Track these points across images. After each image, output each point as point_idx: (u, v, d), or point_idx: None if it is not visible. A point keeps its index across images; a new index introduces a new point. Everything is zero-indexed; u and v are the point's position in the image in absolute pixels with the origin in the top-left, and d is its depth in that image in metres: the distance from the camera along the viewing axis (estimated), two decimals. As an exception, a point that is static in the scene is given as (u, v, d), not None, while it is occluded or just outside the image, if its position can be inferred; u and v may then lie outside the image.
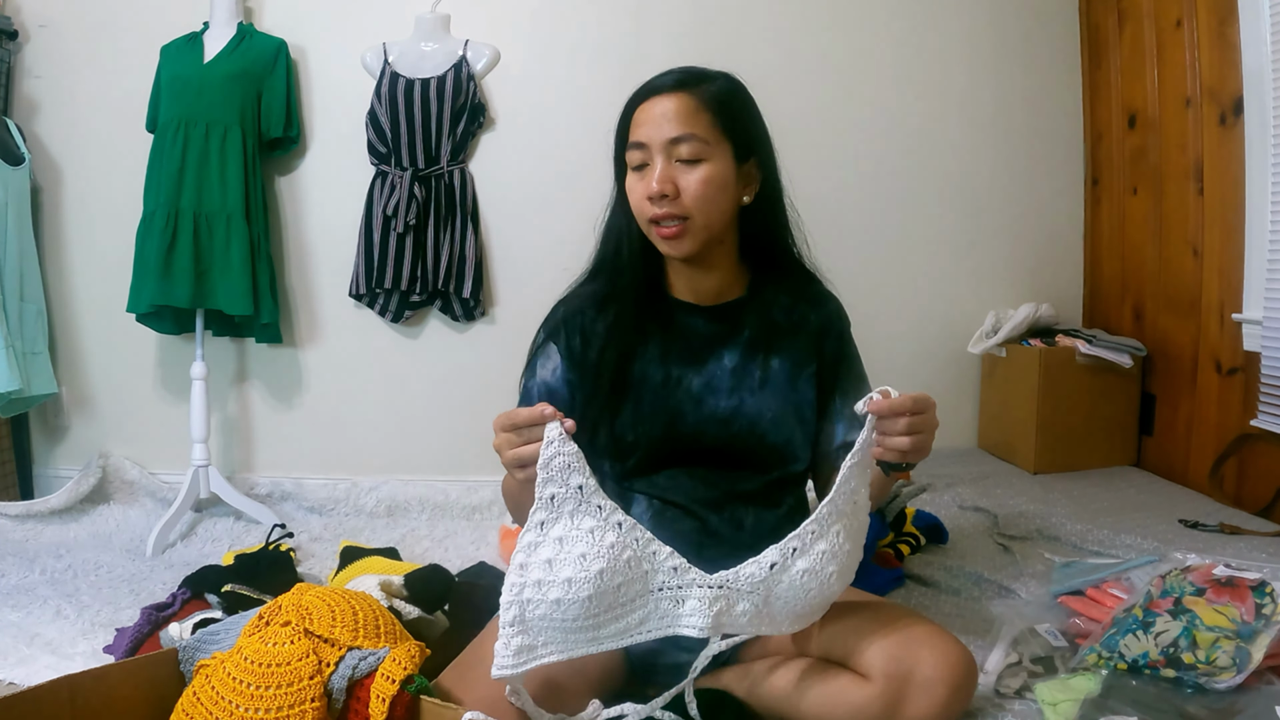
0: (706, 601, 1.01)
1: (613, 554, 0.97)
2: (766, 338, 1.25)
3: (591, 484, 0.99)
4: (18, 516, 2.33)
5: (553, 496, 0.98)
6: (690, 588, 1.01)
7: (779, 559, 1.02)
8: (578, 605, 0.96)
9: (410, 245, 2.51)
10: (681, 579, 1.01)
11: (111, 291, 2.48)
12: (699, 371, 1.25)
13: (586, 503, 0.98)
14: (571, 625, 0.98)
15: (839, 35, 2.72)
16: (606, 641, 1.01)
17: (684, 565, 1.02)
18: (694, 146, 1.16)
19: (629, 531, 0.99)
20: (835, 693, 1.13)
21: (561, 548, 0.97)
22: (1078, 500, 2.22)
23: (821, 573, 1.02)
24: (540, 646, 1.00)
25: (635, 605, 1.00)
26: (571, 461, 0.98)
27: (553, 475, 0.98)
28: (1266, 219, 2.06)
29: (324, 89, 2.62)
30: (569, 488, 0.98)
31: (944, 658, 1.10)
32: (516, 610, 0.98)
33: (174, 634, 1.45)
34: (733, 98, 1.22)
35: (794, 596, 1.03)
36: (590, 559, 0.96)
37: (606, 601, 0.98)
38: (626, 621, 1.01)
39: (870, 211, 2.75)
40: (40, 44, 2.58)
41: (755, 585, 1.02)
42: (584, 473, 0.98)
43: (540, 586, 0.97)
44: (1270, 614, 1.21)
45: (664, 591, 1.01)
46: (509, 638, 0.99)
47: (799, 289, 1.29)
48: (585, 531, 0.97)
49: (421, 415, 2.68)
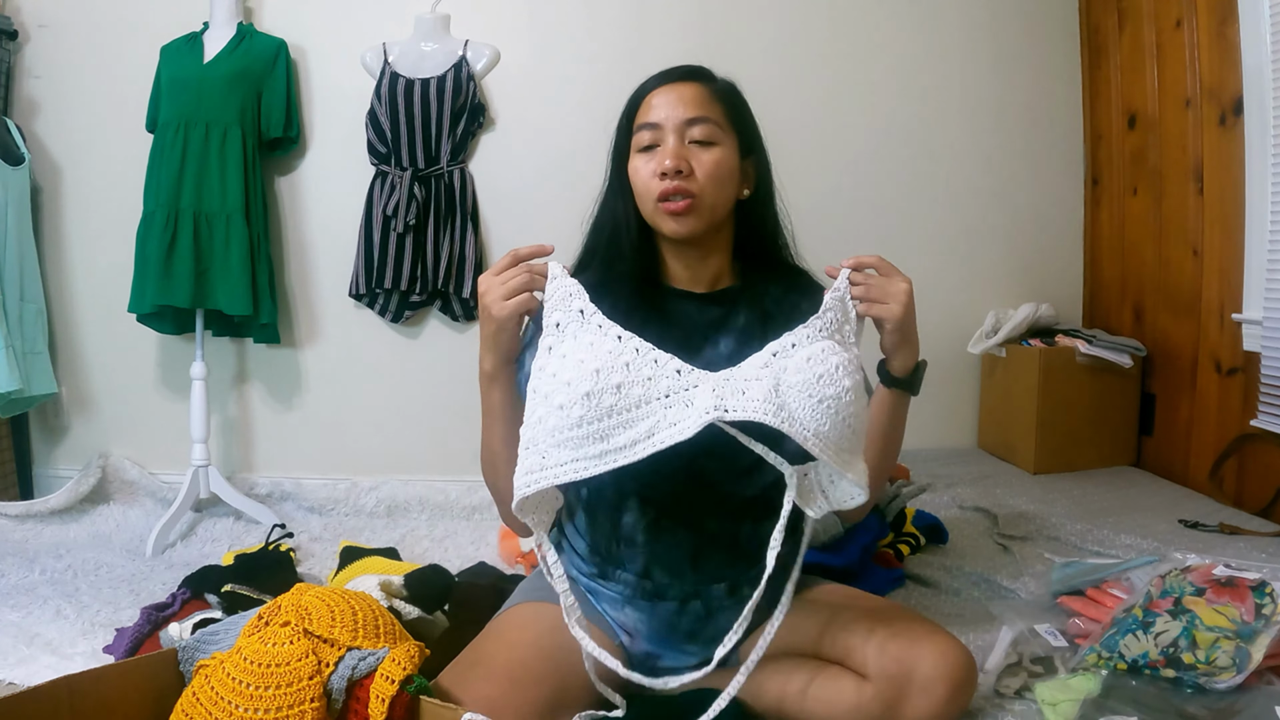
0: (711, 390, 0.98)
1: (609, 356, 0.98)
2: (761, 324, 1.25)
3: (591, 308, 1.03)
4: (18, 516, 2.33)
5: (558, 323, 1.04)
6: (695, 388, 0.99)
7: (779, 349, 1.02)
8: (578, 404, 0.96)
9: (410, 245, 2.51)
10: (687, 380, 0.99)
11: (111, 291, 2.49)
12: (694, 359, 1.24)
13: (588, 323, 1.03)
14: (578, 434, 0.97)
15: (839, 35, 2.72)
16: (619, 455, 0.97)
17: (687, 367, 1.00)
18: (708, 129, 1.19)
19: (627, 341, 1.01)
20: (835, 692, 1.14)
21: (565, 360, 1.00)
22: (1078, 500, 2.22)
23: (826, 363, 1.00)
24: (553, 465, 0.99)
25: (641, 413, 0.97)
26: (572, 290, 1.04)
27: (557, 304, 1.04)
28: (1266, 219, 2.06)
29: (324, 89, 2.62)
30: (571, 311, 1.04)
31: (944, 657, 1.10)
32: (530, 434, 1.01)
33: (174, 634, 1.45)
34: (739, 96, 1.27)
35: (804, 383, 0.98)
36: (588, 361, 0.98)
37: (607, 402, 0.96)
38: (635, 431, 0.97)
39: (870, 211, 2.75)
40: (40, 44, 2.59)
41: (759, 370, 1.00)
42: (583, 298, 1.04)
43: (547, 398, 0.99)
44: (1270, 614, 1.21)
45: (671, 397, 0.98)
46: (525, 458, 1.00)
47: (790, 280, 1.30)
48: (585, 344, 1.01)
49: (421, 415, 2.68)
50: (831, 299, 1.09)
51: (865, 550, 1.73)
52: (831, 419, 0.99)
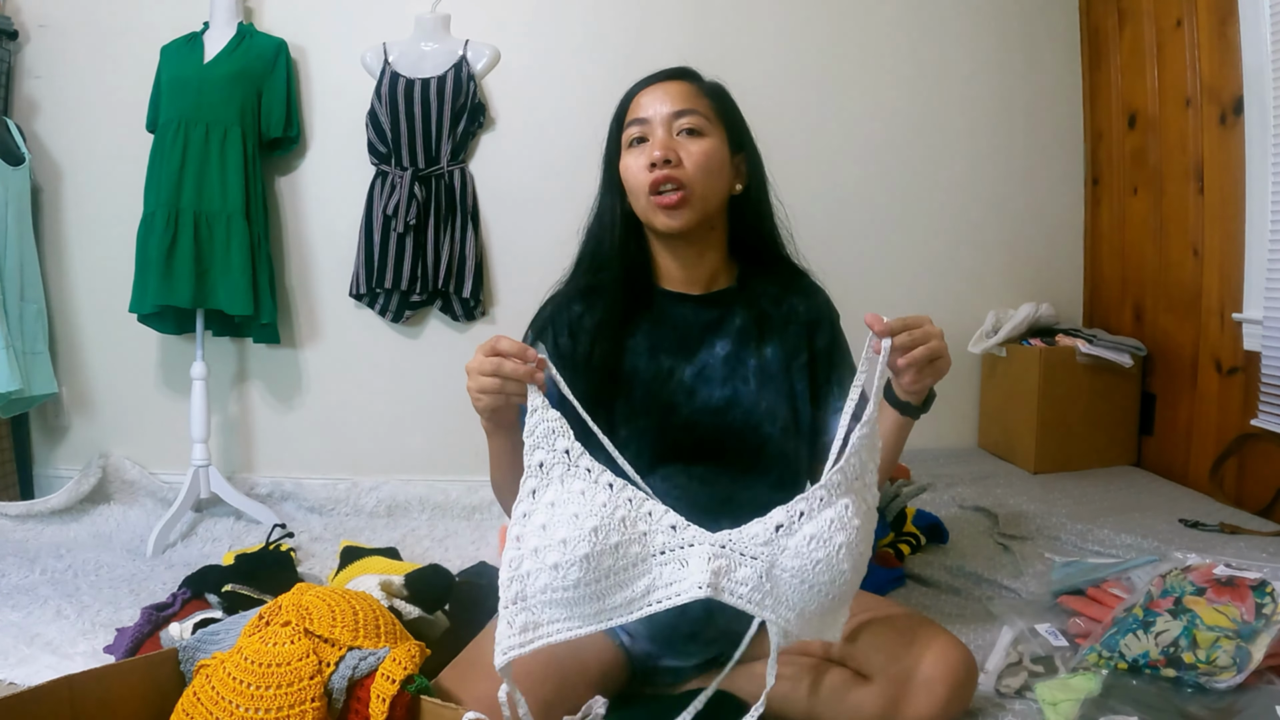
0: (707, 559, 0.95)
1: (605, 511, 0.94)
2: (758, 327, 1.25)
3: (577, 447, 0.97)
4: (18, 516, 2.33)
5: (541, 463, 0.97)
6: (691, 546, 0.96)
7: (785, 520, 0.96)
8: (576, 567, 0.92)
9: (410, 245, 2.51)
10: (682, 538, 0.96)
11: (111, 291, 2.49)
12: (690, 361, 1.24)
13: (575, 466, 0.97)
14: (574, 595, 0.94)
15: (839, 35, 2.72)
16: (614, 614, 0.95)
17: (682, 523, 0.97)
18: (696, 120, 1.21)
19: (620, 491, 0.96)
20: (836, 692, 1.14)
21: (554, 511, 0.95)
22: (1078, 500, 2.22)
23: (829, 543, 0.95)
24: (546, 624, 0.96)
25: (638, 572, 0.95)
26: (555, 426, 0.97)
27: (539, 442, 0.98)
28: (1266, 219, 2.06)
29: (324, 89, 2.62)
30: (556, 452, 0.97)
31: (944, 657, 1.10)
32: (518, 587, 0.96)
33: (174, 634, 1.45)
34: (726, 94, 1.29)
35: (799, 568, 0.95)
36: (583, 517, 0.93)
37: (605, 563, 0.93)
38: (631, 591, 0.95)
39: (870, 211, 2.75)
40: (40, 44, 2.58)
41: (758, 547, 0.96)
42: (568, 436, 0.97)
43: (537, 554, 0.94)
44: (1270, 614, 1.21)
45: (666, 554, 0.96)
46: (512, 616, 0.95)
47: (787, 281, 1.30)
48: (576, 493, 0.95)
49: (422, 415, 2.68)
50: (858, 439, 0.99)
51: (865, 550, 1.72)
52: (820, 601, 0.97)
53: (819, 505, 0.97)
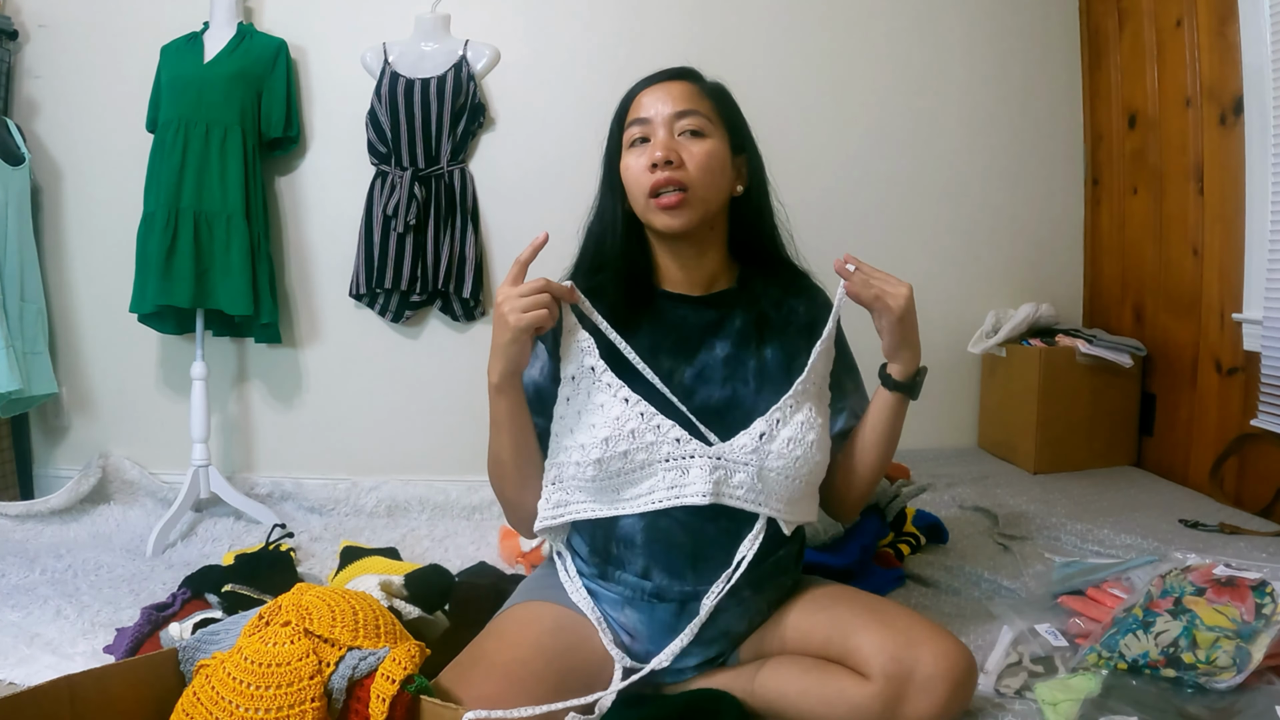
0: (707, 470, 1.12)
1: (617, 424, 1.11)
2: (758, 328, 1.25)
3: (601, 365, 1.15)
4: (18, 516, 2.33)
5: (573, 375, 1.17)
6: (691, 458, 1.12)
7: (765, 428, 1.14)
8: (590, 466, 1.12)
9: (410, 245, 2.51)
10: (684, 449, 1.13)
11: (111, 291, 2.49)
12: (690, 362, 1.24)
13: (599, 380, 1.15)
14: (594, 485, 1.14)
15: (838, 35, 2.72)
16: (627, 505, 1.14)
17: (685, 437, 1.13)
18: (698, 120, 1.21)
19: (633, 406, 1.13)
20: (835, 692, 1.13)
21: (580, 418, 1.14)
22: (1078, 500, 2.22)
23: (803, 440, 1.14)
24: (574, 503, 1.17)
25: (645, 473, 1.13)
26: (584, 345, 1.16)
27: (570, 357, 1.17)
28: (1266, 219, 2.06)
29: (324, 89, 2.62)
30: (583, 368, 1.16)
31: (944, 657, 1.10)
32: (555, 471, 1.17)
33: (174, 634, 1.45)
34: (728, 95, 1.29)
35: (784, 466, 1.13)
36: (598, 427, 1.12)
37: (615, 465, 1.12)
38: (640, 489, 1.14)
39: (870, 211, 2.75)
40: (40, 44, 2.58)
41: (748, 455, 1.13)
42: (594, 354, 1.15)
43: (567, 450, 1.14)
44: (1270, 614, 1.21)
45: (669, 462, 1.12)
46: (549, 494, 1.18)
47: (788, 282, 1.30)
48: (597, 405, 1.13)
49: (421, 415, 2.68)
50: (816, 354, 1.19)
51: (865, 550, 1.73)
52: (802, 488, 1.17)
53: (790, 411, 1.15)
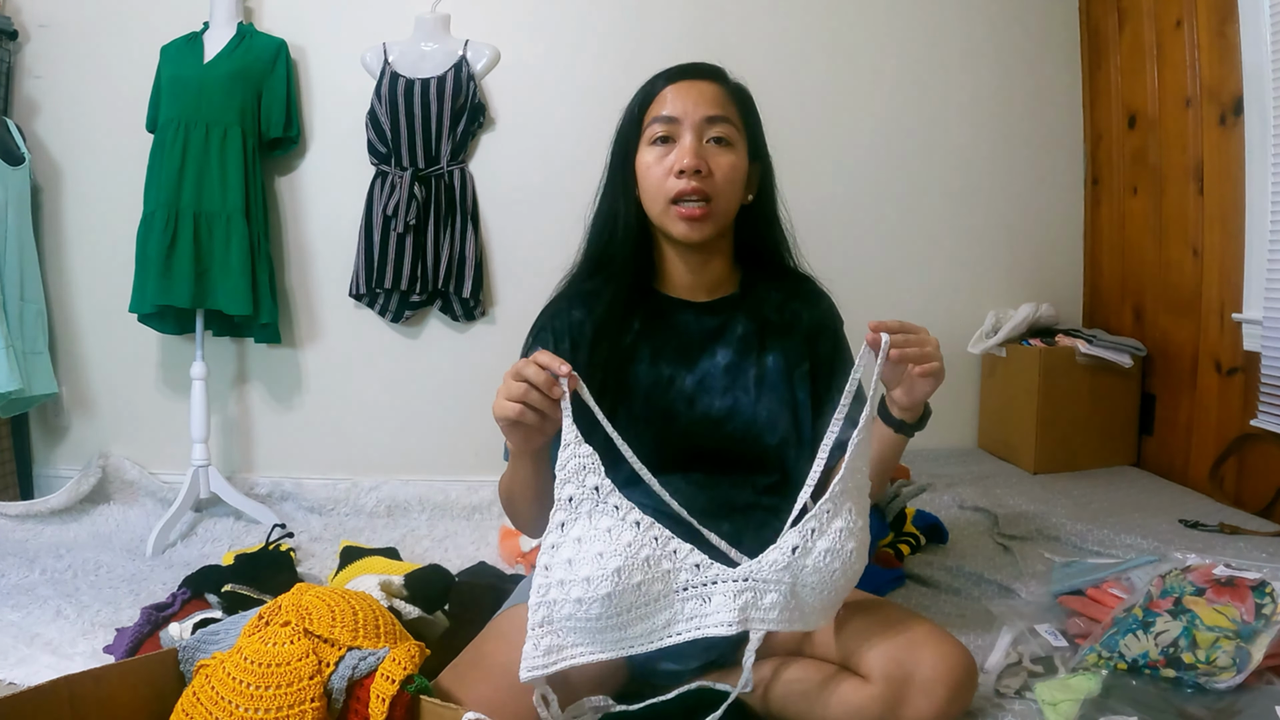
0: (732, 596, 1.00)
1: (629, 551, 0.97)
2: (760, 335, 1.23)
3: (607, 484, 1.00)
4: (18, 516, 2.33)
5: (570, 498, 1.00)
6: (715, 584, 1.00)
7: (800, 542, 1.01)
8: (598, 603, 0.97)
9: (410, 245, 2.51)
10: (705, 575, 1.00)
11: (111, 291, 2.49)
12: (691, 370, 1.23)
13: (603, 503, 1.00)
14: (596, 625, 0.99)
15: (838, 35, 2.72)
16: (635, 643, 1.01)
17: (706, 562, 1.01)
18: (727, 129, 1.18)
19: (646, 530, 1.00)
20: (835, 694, 1.13)
21: (580, 547, 0.98)
22: (1078, 500, 2.22)
23: (842, 551, 1.01)
24: (569, 646, 1.01)
25: (660, 605, 1.00)
26: (586, 463, 1.00)
27: (569, 476, 1.00)
28: (1266, 219, 2.06)
29: (324, 89, 2.62)
30: (585, 488, 1.00)
31: (944, 658, 1.09)
32: (544, 611, 1.01)
33: (174, 634, 1.45)
34: (751, 102, 1.26)
35: (820, 582, 1.01)
36: (607, 557, 0.97)
37: (627, 600, 0.98)
38: (653, 623, 1.00)
39: (870, 212, 2.75)
40: (40, 44, 2.58)
41: (779, 573, 1.01)
42: (599, 473, 1.00)
43: (563, 586, 0.98)
44: (1270, 614, 1.21)
45: (689, 591, 1.00)
46: (538, 639, 1.01)
47: (791, 288, 1.29)
48: (602, 531, 0.98)
49: (421, 415, 2.68)
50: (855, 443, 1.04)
51: (865, 549, 1.72)
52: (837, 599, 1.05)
53: (827, 519, 1.02)
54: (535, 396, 0.99)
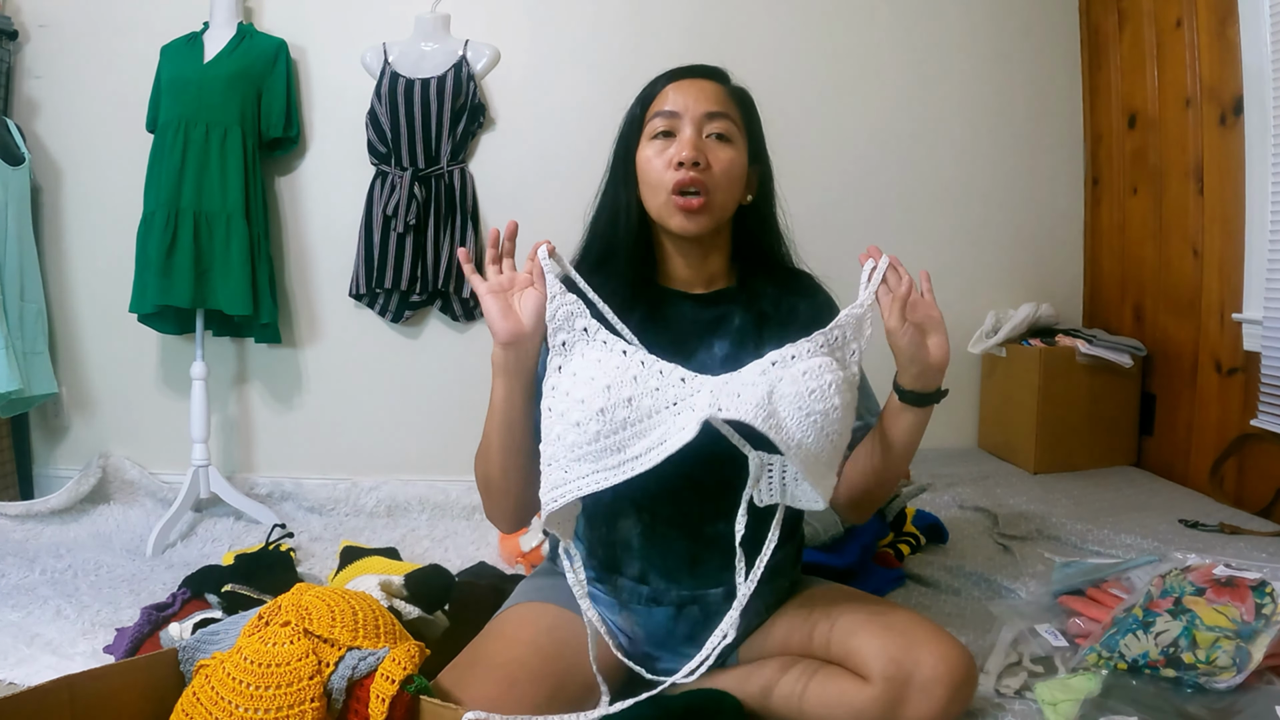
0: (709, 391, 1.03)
1: (618, 371, 1.03)
2: (757, 326, 1.24)
3: (594, 324, 1.07)
4: (18, 516, 2.33)
5: (563, 342, 1.08)
6: (698, 393, 1.04)
7: (778, 358, 1.05)
8: (594, 420, 1.01)
9: (410, 245, 2.51)
10: (691, 387, 1.04)
11: (111, 291, 2.49)
12: (689, 361, 1.22)
13: (592, 339, 1.07)
14: (597, 448, 1.02)
15: (838, 36, 2.72)
16: (636, 463, 1.03)
17: (691, 375, 1.05)
18: (727, 125, 1.19)
19: (633, 354, 1.05)
20: (835, 694, 1.13)
21: (576, 378, 1.04)
22: (1078, 500, 2.22)
23: (820, 378, 1.03)
24: (575, 478, 1.05)
25: (653, 423, 1.03)
26: (573, 309, 1.08)
27: (560, 324, 1.08)
28: (1266, 219, 2.06)
29: (324, 89, 2.62)
30: (575, 330, 1.07)
31: (944, 658, 1.09)
32: (550, 449, 1.06)
33: (174, 634, 1.45)
34: (753, 104, 1.27)
35: (797, 394, 1.02)
36: (598, 377, 1.03)
37: (620, 415, 1.02)
38: (649, 440, 1.03)
39: (870, 211, 2.75)
40: (40, 44, 2.58)
41: (757, 378, 1.04)
42: (585, 315, 1.08)
43: (563, 415, 1.03)
44: (1270, 614, 1.21)
45: (678, 405, 1.04)
46: (549, 475, 1.06)
47: (788, 281, 1.29)
48: (593, 360, 1.05)
49: (421, 415, 2.68)
50: (848, 316, 1.10)
51: (865, 550, 1.73)
52: (816, 433, 1.03)
53: (806, 353, 1.06)
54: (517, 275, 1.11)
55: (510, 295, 1.11)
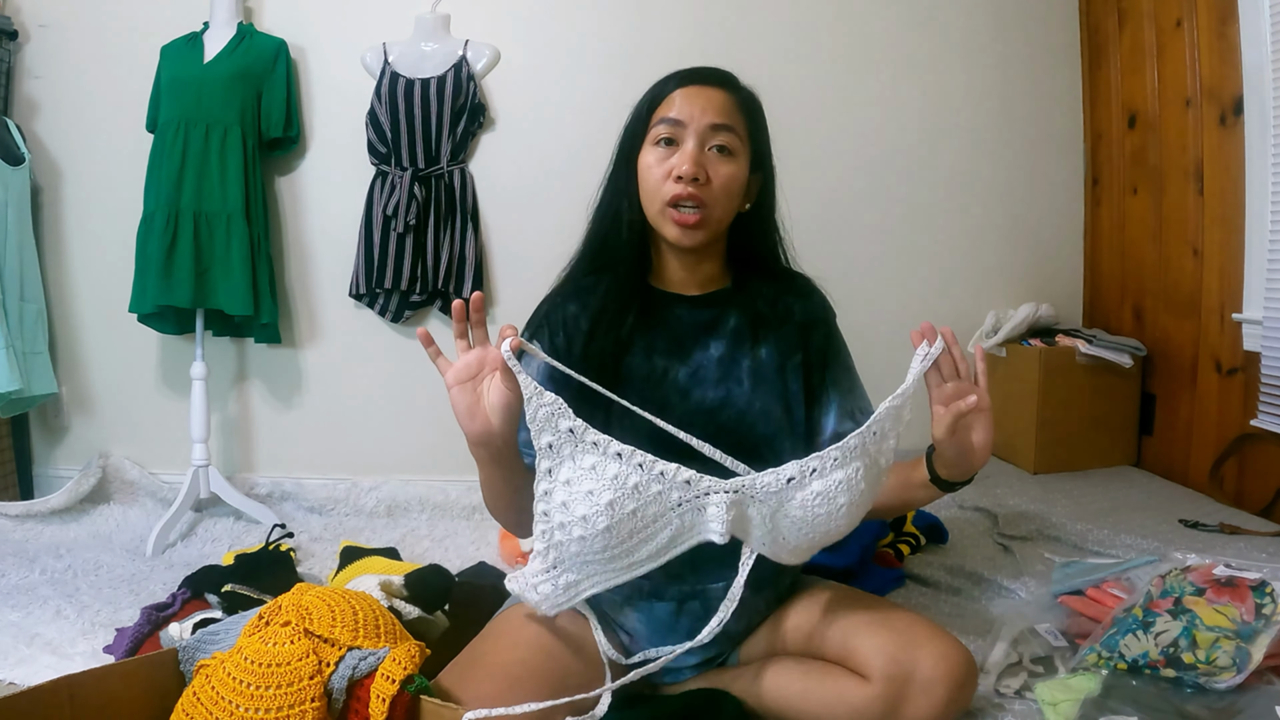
0: (724, 506, 1.02)
1: (617, 483, 0.99)
2: (753, 327, 1.24)
3: (580, 425, 1.02)
4: (18, 516, 2.33)
5: (549, 444, 1.02)
6: (708, 495, 1.02)
7: (796, 474, 1.03)
8: (599, 538, 1.00)
9: (410, 245, 2.51)
10: (697, 488, 1.02)
11: (111, 291, 2.49)
12: (685, 362, 1.23)
13: (581, 442, 1.01)
14: (604, 556, 1.02)
15: (838, 36, 2.72)
16: (644, 565, 1.05)
17: (696, 476, 1.03)
18: (731, 139, 1.19)
19: (630, 459, 1.01)
20: (835, 693, 1.13)
21: (570, 489, 1.00)
22: (1078, 500, 2.22)
23: (832, 502, 1.02)
24: (584, 580, 1.06)
25: (659, 526, 1.02)
26: (554, 409, 1.01)
27: (542, 426, 1.02)
28: (1266, 219, 2.06)
29: (324, 89, 2.62)
30: (560, 433, 1.02)
31: (944, 658, 1.10)
32: (554, 555, 1.04)
33: (174, 634, 1.45)
34: (760, 111, 1.26)
35: (802, 519, 1.02)
36: (598, 493, 0.99)
37: (626, 529, 1.00)
38: (656, 543, 1.03)
39: (870, 211, 2.75)
40: (40, 44, 2.58)
41: (768, 495, 1.03)
42: (569, 416, 1.02)
43: (564, 528, 1.01)
44: (1270, 614, 1.21)
45: (684, 505, 1.02)
46: (555, 578, 1.06)
47: (783, 283, 1.29)
48: (588, 469, 1.00)
49: (421, 415, 2.68)
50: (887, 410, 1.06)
51: (865, 550, 1.73)
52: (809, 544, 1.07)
53: (831, 466, 1.03)
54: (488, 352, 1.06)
55: (480, 383, 1.06)
